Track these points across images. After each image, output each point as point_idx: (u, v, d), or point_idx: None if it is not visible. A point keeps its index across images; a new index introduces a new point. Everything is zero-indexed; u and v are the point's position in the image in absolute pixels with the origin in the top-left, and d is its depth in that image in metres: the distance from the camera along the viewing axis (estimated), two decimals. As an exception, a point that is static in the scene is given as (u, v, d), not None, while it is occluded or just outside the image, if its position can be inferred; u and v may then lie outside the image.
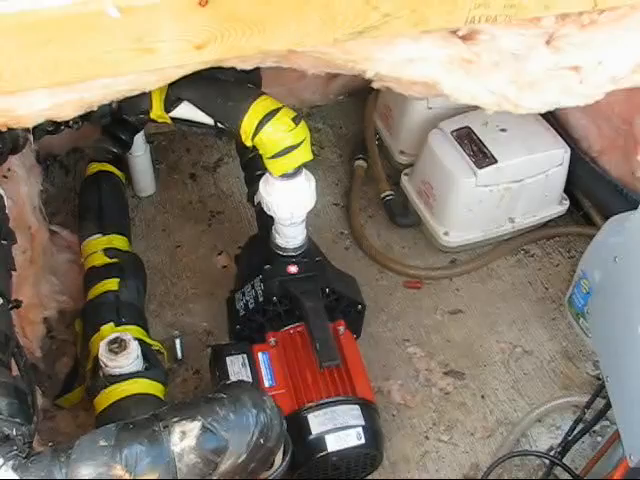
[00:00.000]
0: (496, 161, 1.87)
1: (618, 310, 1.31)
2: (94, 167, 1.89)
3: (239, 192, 2.13)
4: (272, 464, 1.10)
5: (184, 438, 0.97)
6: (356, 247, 2.04)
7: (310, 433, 1.42)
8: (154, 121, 1.48)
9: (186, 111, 1.43)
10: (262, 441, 1.01)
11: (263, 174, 1.52)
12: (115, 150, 1.91)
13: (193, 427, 0.98)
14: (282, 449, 1.10)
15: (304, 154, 1.40)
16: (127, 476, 0.94)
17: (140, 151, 2.03)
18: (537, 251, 2.06)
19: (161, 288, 1.93)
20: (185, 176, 2.21)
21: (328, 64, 1.25)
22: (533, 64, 1.29)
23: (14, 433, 0.97)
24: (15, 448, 0.96)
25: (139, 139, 1.99)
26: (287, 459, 1.10)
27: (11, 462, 0.94)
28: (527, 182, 1.92)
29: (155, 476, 0.95)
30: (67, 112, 1.17)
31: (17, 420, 1.00)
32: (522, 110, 1.35)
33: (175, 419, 0.99)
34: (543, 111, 1.38)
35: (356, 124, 2.35)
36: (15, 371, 1.17)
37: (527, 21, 1.23)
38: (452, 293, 1.95)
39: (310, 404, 1.45)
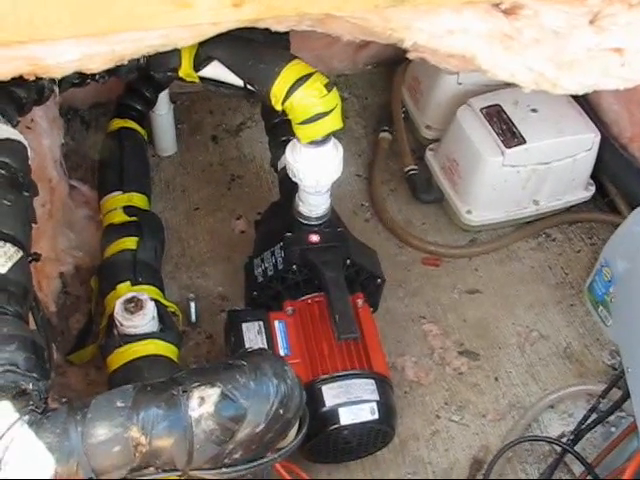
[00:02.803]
0: (525, 141, 1.83)
1: (644, 301, 1.29)
2: (117, 123, 1.86)
3: (261, 157, 2.10)
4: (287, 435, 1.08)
5: (202, 404, 0.95)
6: (376, 220, 2.01)
7: (324, 405, 1.40)
8: (182, 79, 1.45)
9: (216, 71, 1.40)
10: (281, 412, 1.00)
11: (288, 140, 1.49)
12: (139, 107, 1.89)
13: (212, 393, 0.96)
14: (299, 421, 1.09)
15: (334, 122, 1.37)
16: (143, 439, 0.93)
17: (163, 110, 2.00)
18: (558, 235, 2.03)
19: (177, 249, 1.91)
20: (207, 138, 2.18)
21: (365, 31, 1.22)
22: (575, 43, 1.25)
23: (30, 388, 0.96)
24: (31, 403, 0.95)
25: (163, 98, 1.96)
26: (303, 432, 1.09)
27: (27, 417, 0.93)
28: (554, 165, 1.88)
29: (171, 441, 0.94)
30: (97, 64, 1.15)
31: (34, 375, 0.99)
32: (560, 90, 1.32)
33: (194, 384, 0.97)
34: (581, 92, 1.35)
35: (382, 95, 2.31)
36: (32, 325, 1.16)
37: (573, -2, 1.19)
38: (471, 272, 1.93)
39: (325, 376, 1.44)
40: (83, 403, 0.97)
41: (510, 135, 1.85)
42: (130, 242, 1.60)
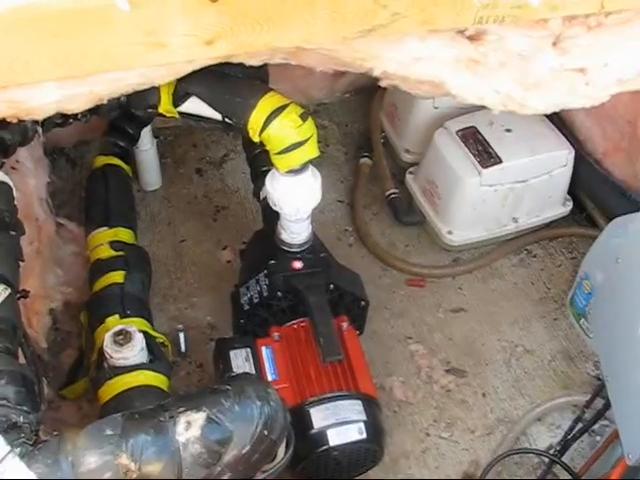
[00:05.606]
0: (501, 161, 1.88)
1: (619, 311, 1.32)
2: (101, 160, 1.90)
3: (245, 187, 2.14)
4: (274, 457, 1.11)
5: (189, 428, 0.98)
6: (360, 244, 2.05)
7: (312, 427, 1.43)
8: (162, 115, 1.49)
9: (194, 106, 1.44)
10: (266, 433, 1.02)
11: (269, 170, 1.53)
12: (122, 144, 1.92)
13: (198, 418, 0.99)
14: (285, 442, 1.11)
15: (311, 151, 1.41)
16: (132, 465, 0.95)
17: (147, 145, 2.04)
18: (539, 251, 2.07)
19: (165, 282, 1.94)
20: (191, 171, 2.22)
21: (336, 62, 1.26)
22: (539, 65, 1.29)
23: (21, 421, 0.99)
24: (22, 436, 0.97)
25: (146, 133, 2.00)
26: (289, 452, 1.11)
27: (18, 449, 0.95)
28: (531, 182, 1.93)
29: (160, 465, 0.96)
30: (77, 105, 1.18)
31: (24, 408, 1.01)
32: (527, 110, 1.36)
33: (180, 409, 1.00)
34: (548, 112, 1.39)
35: (362, 122, 2.36)
36: (22, 360, 1.19)
37: (534, 22, 1.23)
38: (455, 291, 1.96)
39: (312, 398, 1.46)
40: (74, 433, 1.00)
41: (486, 155, 1.89)
42: (117, 276, 1.63)
